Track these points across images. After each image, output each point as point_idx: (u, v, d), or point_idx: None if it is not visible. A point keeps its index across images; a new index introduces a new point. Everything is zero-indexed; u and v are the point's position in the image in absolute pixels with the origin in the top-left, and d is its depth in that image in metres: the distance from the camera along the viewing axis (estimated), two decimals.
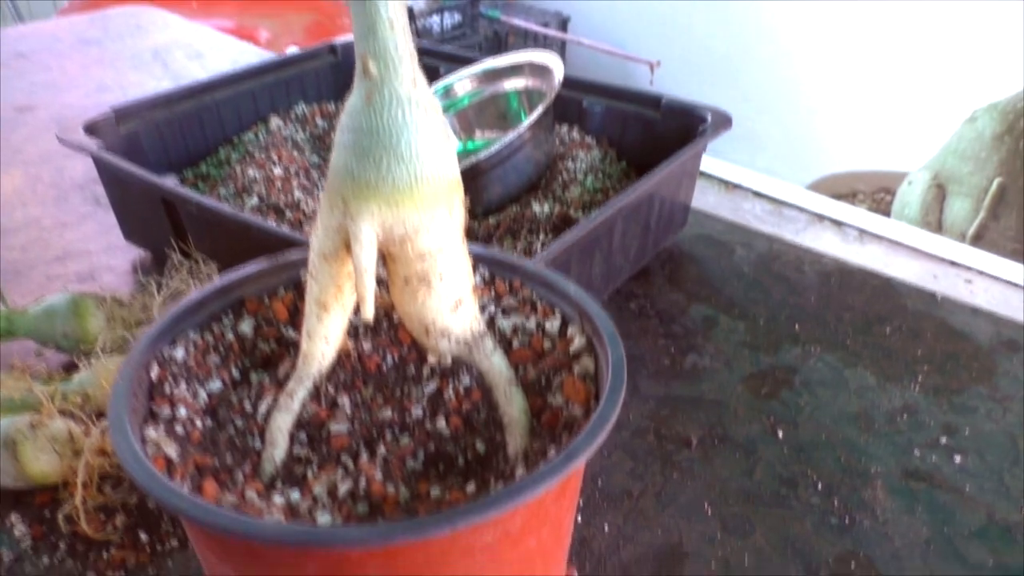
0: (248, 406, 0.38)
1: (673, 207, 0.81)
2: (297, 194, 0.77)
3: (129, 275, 0.81)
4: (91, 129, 0.78)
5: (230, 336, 0.41)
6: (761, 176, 0.91)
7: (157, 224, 0.75)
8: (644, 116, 0.85)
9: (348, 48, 1.03)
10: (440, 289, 0.38)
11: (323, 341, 0.38)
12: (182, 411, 0.37)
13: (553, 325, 0.42)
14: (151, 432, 0.35)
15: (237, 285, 0.42)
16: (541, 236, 0.70)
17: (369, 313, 0.35)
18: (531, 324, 0.42)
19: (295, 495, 0.33)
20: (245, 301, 0.43)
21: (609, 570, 0.52)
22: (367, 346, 0.41)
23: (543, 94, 0.84)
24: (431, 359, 0.40)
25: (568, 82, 0.84)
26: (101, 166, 0.78)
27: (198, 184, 0.84)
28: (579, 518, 0.55)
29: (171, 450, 0.34)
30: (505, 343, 0.42)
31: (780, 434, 0.62)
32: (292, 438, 0.37)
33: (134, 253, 0.84)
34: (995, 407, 0.65)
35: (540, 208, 0.74)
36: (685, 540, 0.54)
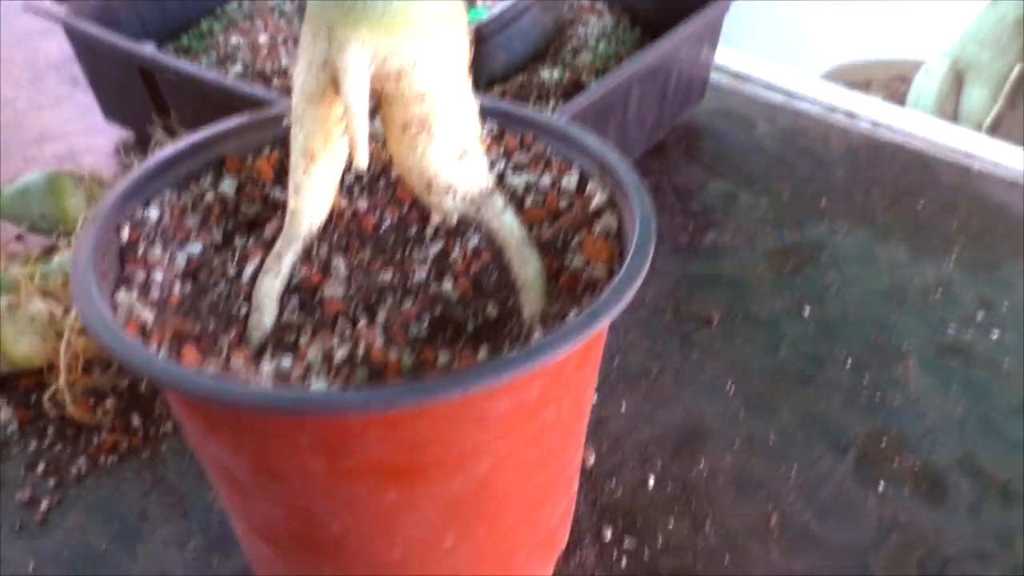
0: (232, 270, 0.34)
1: (691, 76, 0.75)
2: (284, 61, 0.71)
3: (111, 157, 0.76)
4: None
5: (210, 196, 0.37)
6: (772, 65, 0.85)
7: (137, 98, 0.69)
8: None
9: None
10: (442, 137, 0.33)
11: (312, 197, 0.34)
12: (158, 275, 0.33)
13: (570, 182, 0.37)
14: (123, 296, 0.31)
15: (216, 141, 0.38)
16: (551, 102, 0.65)
17: (363, 160, 0.31)
18: (545, 181, 0.38)
19: (286, 362, 0.30)
20: (226, 159, 0.38)
21: (627, 450, 0.49)
22: (363, 205, 0.37)
23: None
24: (435, 218, 0.36)
25: None
26: (74, 36, 0.71)
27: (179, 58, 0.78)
28: (595, 398, 0.52)
29: (146, 315, 0.30)
30: (517, 202, 0.37)
31: (806, 311, 0.59)
32: (282, 304, 0.33)
33: (116, 134, 0.79)
34: None
35: (549, 75, 0.68)
36: (707, 419, 0.51)
